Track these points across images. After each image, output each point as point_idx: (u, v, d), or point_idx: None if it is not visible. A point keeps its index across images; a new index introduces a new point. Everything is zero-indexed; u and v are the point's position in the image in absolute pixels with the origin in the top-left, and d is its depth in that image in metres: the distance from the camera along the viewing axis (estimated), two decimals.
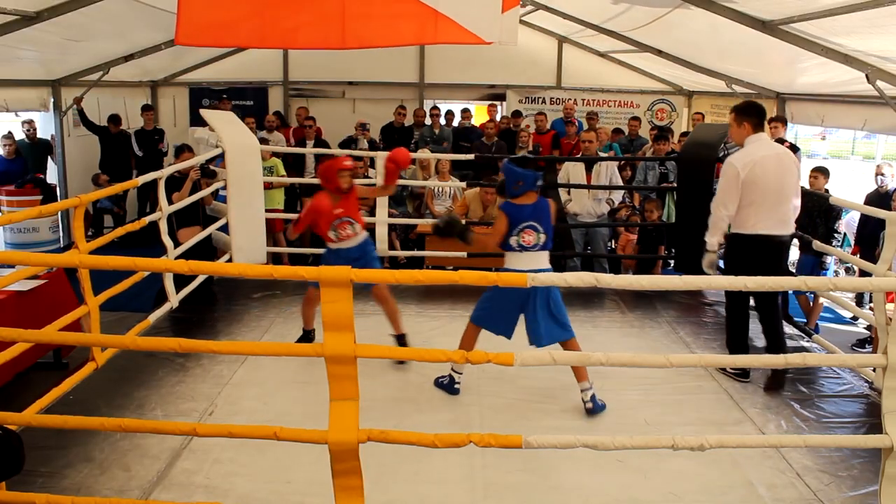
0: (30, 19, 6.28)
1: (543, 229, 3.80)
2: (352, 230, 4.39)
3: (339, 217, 4.33)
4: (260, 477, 3.15)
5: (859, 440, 2.85)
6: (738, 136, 4.20)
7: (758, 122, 4.17)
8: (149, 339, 3.07)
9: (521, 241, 3.78)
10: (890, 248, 3.97)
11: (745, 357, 2.91)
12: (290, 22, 5.04)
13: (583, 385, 3.85)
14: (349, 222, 4.37)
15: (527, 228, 3.77)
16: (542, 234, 3.80)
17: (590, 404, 3.82)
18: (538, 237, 3.78)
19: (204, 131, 6.47)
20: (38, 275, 4.85)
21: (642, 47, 8.92)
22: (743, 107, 4.23)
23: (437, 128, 9.32)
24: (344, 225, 4.36)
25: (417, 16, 5.15)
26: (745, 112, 4.18)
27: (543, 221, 3.80)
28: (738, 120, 4.18)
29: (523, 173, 3.80)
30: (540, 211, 3.81)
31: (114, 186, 4.96)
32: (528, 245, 3.78)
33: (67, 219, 8.35)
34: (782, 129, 7.50)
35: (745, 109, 4.19)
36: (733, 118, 4.22)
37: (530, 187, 3.81)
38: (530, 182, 3.80)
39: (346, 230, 4.37)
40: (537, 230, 3.78)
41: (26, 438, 2.89)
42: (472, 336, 4.00)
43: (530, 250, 3.80)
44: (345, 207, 4.35)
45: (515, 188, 3.81)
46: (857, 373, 4.32)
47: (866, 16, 4.75)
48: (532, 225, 3.77)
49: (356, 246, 4.44)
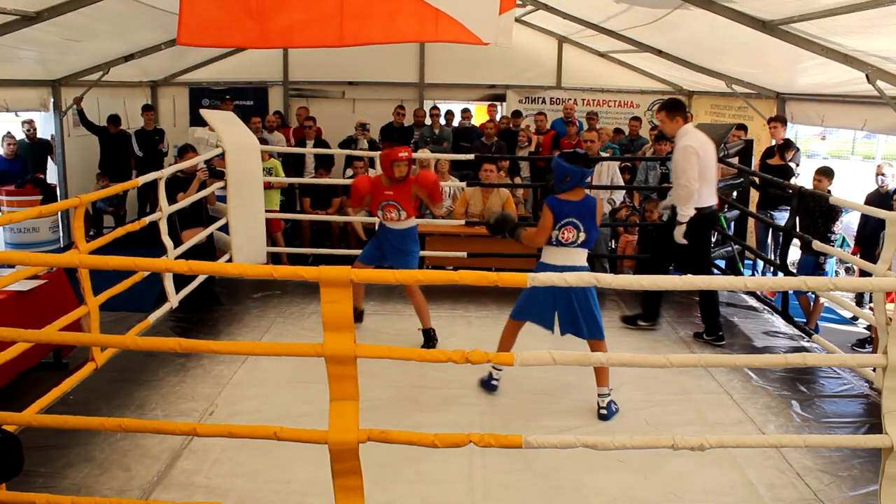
0: (30, 19, 6.28)
1: (584, 227, 3.76)
2: (397, 215, 4.69)
3: (387, 199, 4.65)
4: (260, 477, 3.15)
5: (859, 440, 2.85)
6: (673, 129, 4.75)
7: (685, 115, 4.84)
8: (149, 339, 3.07)
9: (559, 237, 3.76)
10: (890, 248, 3.97)
11: (746, 357, 2.91)
12: (288, 20, 5.04)
13: (601, 390, 3.82)
14: (395, 207, 4.66)
15: (567, 225, 3.75)
16: (583, 232, 3.76)
17: (604, 410, 3.80)
18: (577, 234, 3.76)
19: (204, 131, 6.49)
20: (38, 275, 4.85)
21: (642, 47, 8.91)
22: (672, 104, 4.82)
23: (437, 128, 9.32)
24: (390, 208, 4.67)
25: (417, 13, 5.14)
26: (676, 108, 4.77)
27: (586, 220, 3.77)
28: (670, 116, 4.72)
29: (571, 168, 3.75)
30: (584, 208, 3.78)
31: (114, 186, 4.96)
32: (566, 241, 3.77)
33: (67, 219, 8.35)
34: (782, 129, 7.52)
35: (675, 106, 4.79)
36: (665, 115, 4.74)
37: (578, 183, 3.78)
38: (577, 178, 3.76)
39: (391, 213, 4.68)
40: (577, 227, 3.75)
41: (26, 438, 2.90)
42: (510, 331, 4.00)
43: (568, 246, 3.78)
44: (395, 192, 4.65)
45: (563, 183, 3.78)
46: (857, 373, 4.32)
47: (866, 16, 4.75)
48: (573, 222, 3.75)
49: (399, 231, 4.74)
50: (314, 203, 7.87)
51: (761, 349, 4.92)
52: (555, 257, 3.81)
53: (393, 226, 4.73)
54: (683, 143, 4.63)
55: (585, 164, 3.80)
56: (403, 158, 4.61)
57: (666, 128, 4.81)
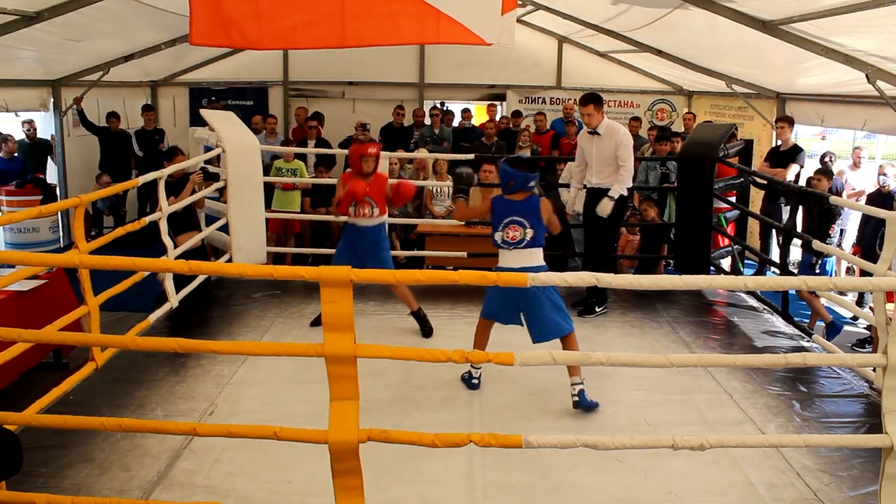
0: (30, 19, 6.28)
1: (530, 224, 3.84)
2: (370, 211, 4.76)
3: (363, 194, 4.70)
4: (260, 477, 3.15)
5: (859, 440, 2.85)
6: (598, 121, 5.22)
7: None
8: (149, 339, 3.06)
9: (505, 237, 3.86)
10: (890, 248, 3.97)
11: (746, 357, 2.90)
12: (290, 22, 5.05)
13: (574, 379, 3.86)
14: (369, 203, 4.74)
15: (511, 224, 3.85)
16: (529, 229, 3.84)
17: (576, 398, 3.83)
18: (524, 232, 3.83)
19: (204, 131, 6.48)
20: (38, 275, 4.85)
21: (642, 47, 8.91)
22: (596, 97, 5.26)
23: (436, 128, 9.32)
24: (364, 204, 4.73)
25: (419, 15, 5.15)
26: (600, 101, 5.26)
27: (530, 216, 3.85)
28: (597, 108, 5.19)
29: (514, 173, 3.90)
30: (527, 207, 3.88)
31: (114, 186, 4.95)
32: (513, 241, 3.85)
33: (67, 219, 8.36)
34: (789, 130, 7.38)
35: (600, 99, 5.27)
36: (593, 108, 5.18)
37: (520, 187, 3.91)
38: (520, 182, 3.90)
39: (364, 209, 4.75)
40: (523, 225, 3.83)
41: (26, 438, 2.90)
42: (482, 330, 4.10)
43: (517, 246, 3.86)
44: (370, 188, 4.71)
45: (509, 187, 3.94)
46: (857, 373, 4.32)
47: (866, 16, 4.75)
48: (516, 220, 3.84)
49: (370, 228, 4.81)
50: (314, 203, 7.87)
51: (761, 349, 4.92)
52: (508, 260, 3.89)
53: (364, 223, 4.79)
54: (622, 131, 5.26)
55: (529, 169, 3.95)
56: (372, 154, 4.73)
57: (592, 121, 5.22)
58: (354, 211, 4.75)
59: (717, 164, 6.03)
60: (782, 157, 7.28)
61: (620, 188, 5.23)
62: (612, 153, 5.23)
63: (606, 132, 5.24)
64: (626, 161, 5.21)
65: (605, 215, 5.25)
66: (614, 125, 5.31)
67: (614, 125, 5.31)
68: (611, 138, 5.21)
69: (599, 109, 5.23)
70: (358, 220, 4.80)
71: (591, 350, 2.55)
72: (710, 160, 5.90)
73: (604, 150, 5.27)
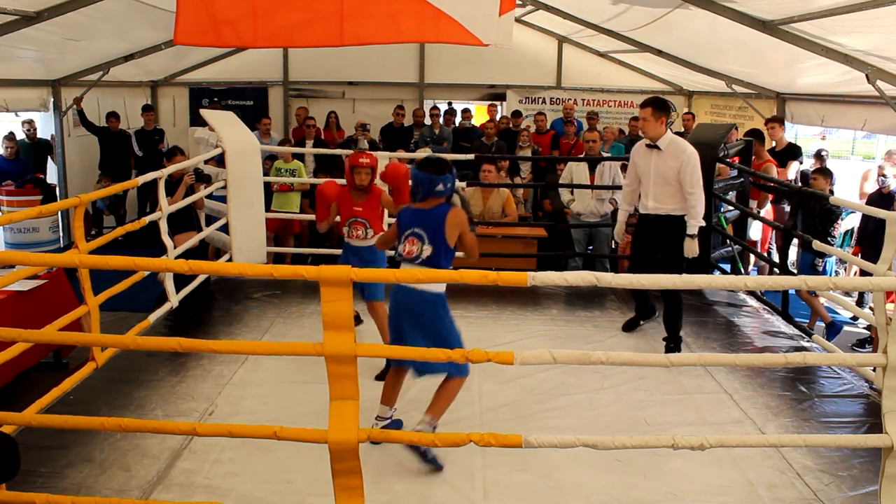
0: (30, 19, 6.28)
1: (429, 239, 3.24)
2: (363, 233, 4.31)
3: (354, 215, 4.29)
4: (260, 477, 3.15)
5: (859, 440, 2.85)
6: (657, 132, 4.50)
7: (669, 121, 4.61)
8: (149, 339, 3.07)
9: (401, 251, 3.30)
10: (890, 248, 3.97)
11: (746, 357, 2.90)
12: (288, 20, 5.03)
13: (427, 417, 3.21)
14: (362, 224, 4.29)
15: (410, 236, 3.28)
16: (427, 244, 3.24)
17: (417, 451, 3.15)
18: (421, 247, 3.24)
19: (204, 131, 6.48)
20: (38, 275, 4.85)
21: (642, 47, 8.92)
22: (658, 102, 4.52)
23: (436, 128, 9.32)
24: (357, 225, 4.30)
25: (418, 14, 5.14)
26: (663, 108, 4.49)
27: (430, 230, 3.25)
28: (656, 115, 4.47)
29: (418, 176, 3.30)
30: (430, 218, 3.27)
31: (113, 186, 4.95)
32: (408, 256, 3.27)
33: (67, 219, 8.36)
34: (780, 129, 7.44)
35: (663, 105, 4.51)
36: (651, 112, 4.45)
37: (428, 193, 3.29)
38: (425, 186, 3.28)
39: (357, 230, 4.31)
40: (421, 238, 3.25)
41: (26, 438, 2.91)
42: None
43: (410, 262, 3.28)
44: (364, 208, 4.28)
45: (416, 192, 3.35)
46: (857, 373, 4.32)
47: (866, 16, 4.75)
48: (416, 232, 3.26)
49: (366, 248, 4.34)
50: (314, 203, 7.85)
51: (761, 349, 4.92)
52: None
53: (357, 244, 4.36)
54: (688, 148, 4.48)
55: (437, 171, 3.27)
56: (364, 165, 4.21)
57: (648, 128, 4.51)
58: (348, 232, 4.34)
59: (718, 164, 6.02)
60: (779, 157, 7.29)
61: (696, 222, 4.53)
62: (673, 175, 4.49)
63: (669, 149, 4.50)
64: (694, 188, 4.46)
65: (694, 256, 4.58)
66: (679, 142, 4.54)
67: (679, 142, 4.54)
68: (674, 157, 4.48)
69: (660, 118, 4.46)
70: (352, 241, 4.37)
71: (591, 350, 2.55)
72: (710, 160, 5.89)
73: (664, 169, 4.51)
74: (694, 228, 4.52)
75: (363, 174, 4.23)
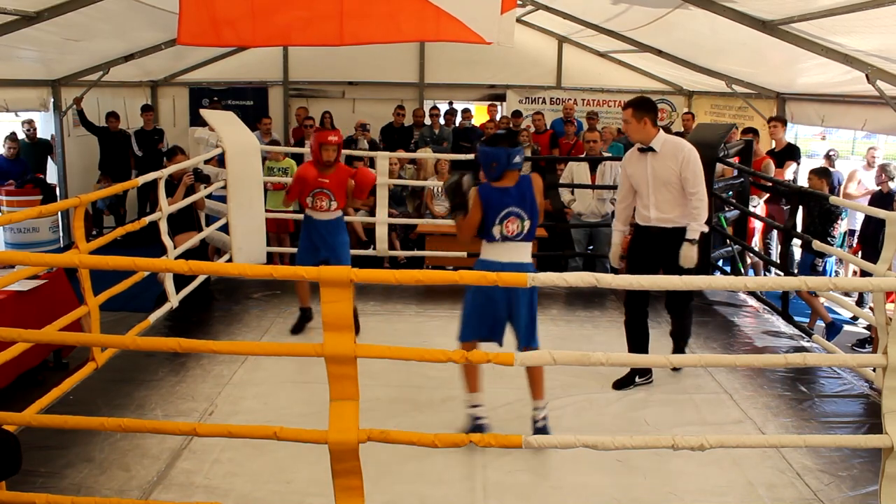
0: (30, 19, 6.28)
1: (528, 215, 3.39)
2: (327, 204, 4.61)
3: (319, 186, 4.57)
4: (260, 477, 3.15)
5: (859, 440, 2.85)
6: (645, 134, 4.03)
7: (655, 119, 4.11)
8: (149, 339, 3.07)
9: (504, 231, 3.38)
10: (890, 248, 3.97)
11: (746, 357, 2.91)
12: (288, 18, 5.03)
13: (537, 403, 3.50)
14: (327, 195, 4.59)
15: (510, 216, 3.37)
16: (527, 220, 3.39)
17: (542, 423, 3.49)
18: (522, 225, 3.39)
19: (204, 131, 6.48)
20: (38, 275, 4.85)
21: (642, 47, 8.92)
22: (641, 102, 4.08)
23: (436, 128, 9.32)
24: (321, 196, 4.59)
25: (418, 13, 5.14)
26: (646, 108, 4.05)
27: (528, 205, 3.39)
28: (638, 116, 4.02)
29: (494, 152, 3.36)
30: (523, 192, 3.39)
31: (114, 186, 4.95)
32: (511, 235, 3.39)
33: (67, 219, 8.36)
34: (781, 129, 7.43)
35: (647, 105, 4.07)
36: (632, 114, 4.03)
37: (507, 166, 3.37)
38: (503, 161, 3.35)
39: (321, 201, 4.60)
40: (521, 217, 3.38)
41: (26, 438, 2.90)
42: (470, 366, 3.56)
43: (513, 240, 3.41)
44: (329, 180, 4.59)
45: (491, 170, 3.39)
46: (857, 373, 4.32)
47: (866, 16, 4.75)
48: (514, 211, 3.37)
49: (329, 221, 4.67)
50: None
51: (761, 349, 4.92)
52: (498, 253, 3.41)
53: (321, 216, 4.65)
54: (685, 146, 4.04)
55: (510, 144, 3.38)
56: (333, 142, 4.57)
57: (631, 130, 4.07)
58: (312, 203, 4.61)
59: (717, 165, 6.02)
60: (777, 157, 7.30)
61: (699, 225, 4.03)
62: (673, 177, 4.01)
63: (664, 148, 4.02)
64: (696, 187, 3.99)
65: (692, 265, 4.06)
66: (675, 140, 4.10)
67: (675, 140, 4.10)
68: (672, 157, 4.00)
69: (642, 118, 4.01)
70: (315, 213, 4.65)
71: (591, 350, 2.55)
72: (710, 160, 5.89)
73: (662, 171, 4.03)
74: (695, 233, 4.02)
75: (331, 150, 4.58)
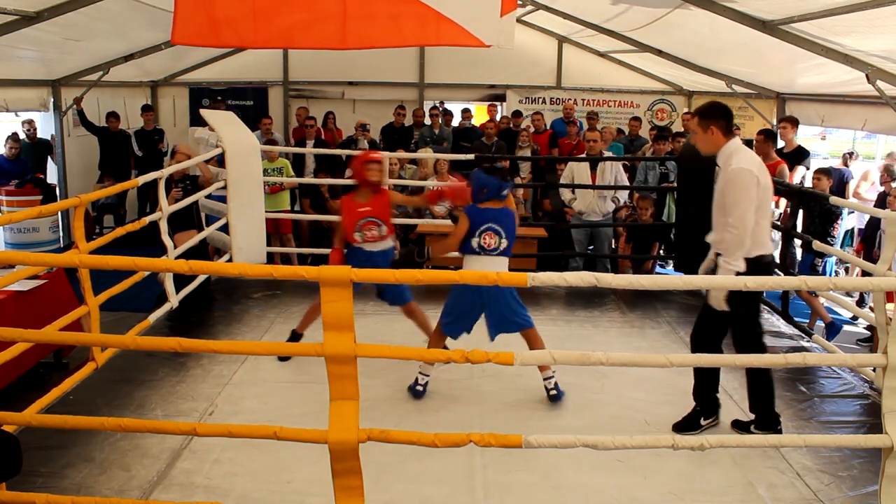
0: (30, 19, 6.28)
1: (506, 234, 3.84)
2: (378, 232, 4.20)
3: (364, 216, 4.15)
4: (260, 477, 3.15)
5: (859, 440, 2.85)
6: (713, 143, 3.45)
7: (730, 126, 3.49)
8: (149, 339, 3.06)
9: (481, 243, 3.81)
10: (889, 248, 3.97)
11: (746, 357, 2.91)
12: (289, 20, 5.03)
13: (546, 374, 3.94)
14: (376, 223, 4.18)
15: (488, 231, 3.82)
16: (504, 238, 3.84)
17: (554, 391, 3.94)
18: (499, 241, 3.83)
19: (204, 131, 6.48)
20: (38, 275, 4.85)
21: (642, 47, 8.92)
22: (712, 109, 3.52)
23: (436, 128, 9.32)
24: (369, 225, 4.17)
25: (419, 17, 5.14)
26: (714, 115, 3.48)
27: (506, 227, 3.84)
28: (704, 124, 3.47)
29: (488, 180, 3.84)
30: (503, 217, 3.86)
31: (113, 186, 4.96)
32: (489, 248, 3.83)
33: (67, 219, 8.36)
34: (792, 131, 7.15)
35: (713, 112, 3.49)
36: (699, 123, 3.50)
37: (495, 195, 3.85)
38: (494, 189, 3.84)
39: (371, 231, 4.18)
40: (499, 234, 3.83)
41: (26, 438, 2.90)
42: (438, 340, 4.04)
43: (490, 253, 3.83)
44: (373, 206, 4.18)
45: (481, 194, 3.86)
46: (857, 373, 4.32)
47: (866, 16, 4.75)
48: (493, 227, 3.82)
49: (382, 251, 4.24)
50: (314, 203, 7.86)
51: None
52: (477, 265, 3.82)
53: (372, 247, 4.21)
54: (735, 164, 3.35)
55: (502, 178, 3.89)
56: (377, 160, 4.27)
57: (697, 141, 3.53)
58: (362, 236, 4.18)
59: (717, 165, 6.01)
60: (787, 158, 7.22)
61: (726, 261, 3.36)
62: (721, 198, 3.44)
63: (722, 163, 3.44)
64: (731, 215, 3.32)
65: (719, 308, 3.38)
66: (731, 153, 3.41)
67: (731, 153, 3.41)
68: (722, 174, 3.44)
69: (708, 127, 3.41)
70: (365, 245, 4.20)
71: (591, 350, 2.55)
72: (710, 160, 5.88)
73: (718, 191, 3.48)
74: (723, 270, 3.37)
75: (376, 170, 4.21)
